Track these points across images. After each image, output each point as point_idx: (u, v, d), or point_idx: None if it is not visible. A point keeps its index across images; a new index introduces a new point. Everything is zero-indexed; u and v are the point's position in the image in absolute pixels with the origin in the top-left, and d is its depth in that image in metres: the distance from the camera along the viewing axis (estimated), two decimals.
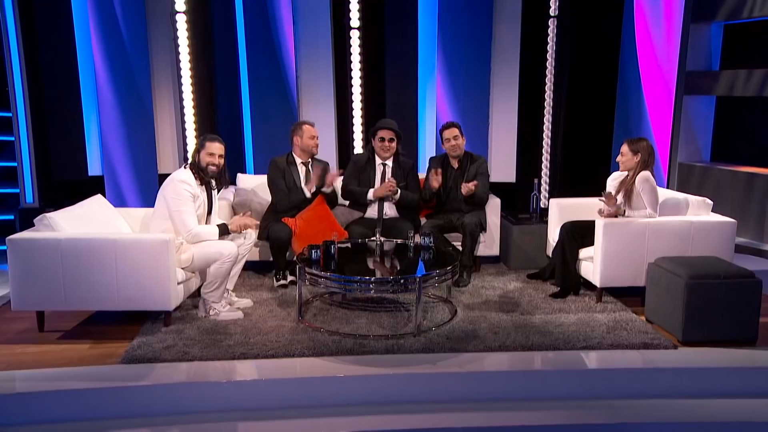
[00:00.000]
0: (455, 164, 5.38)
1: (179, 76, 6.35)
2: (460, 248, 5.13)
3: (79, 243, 3.99)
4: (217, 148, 4.39)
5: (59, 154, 6.47)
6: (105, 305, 4.09)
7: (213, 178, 4.46)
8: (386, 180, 5.24)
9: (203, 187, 4.39)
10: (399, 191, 5.25)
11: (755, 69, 6.47)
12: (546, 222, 5.48)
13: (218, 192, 4.60)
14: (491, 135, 6.59)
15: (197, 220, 4.30)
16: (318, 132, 5.25)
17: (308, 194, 5.10)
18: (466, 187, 5.11)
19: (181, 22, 6.28)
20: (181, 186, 4.25)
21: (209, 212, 4.48)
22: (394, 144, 5.28)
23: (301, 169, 5.22)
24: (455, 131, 5.29)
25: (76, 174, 6.52)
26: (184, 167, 4.39)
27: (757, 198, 6.36)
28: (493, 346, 3.89)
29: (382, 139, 5.27)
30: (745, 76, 6.55)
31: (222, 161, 4.43)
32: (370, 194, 5.27)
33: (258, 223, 4.62)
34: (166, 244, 3.99)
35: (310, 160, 5.26)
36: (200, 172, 4.36)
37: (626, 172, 4.76)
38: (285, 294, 4.87)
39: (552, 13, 6.38)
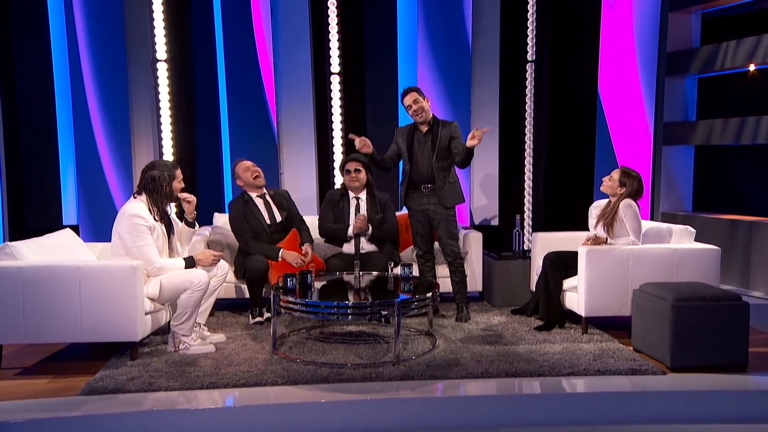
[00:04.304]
0: (423, 129, 4.94)
1: (159, 123, 6.33)
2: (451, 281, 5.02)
3: (41, 271, 3.81)
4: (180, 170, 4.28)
5: (33, 203, 6.34)
6: (67, 337, 3.89)
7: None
8: (357, 216, 5.18)
9: (160, 219, 4.15)
10: (370, 228, 5.16)
11: (730, 118, 6.58)
12: (529, 258, 5.38)
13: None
14: (473, 178, 6.56)
15: (158, 253, 4.11)
16: (251, 162, 5.16)
17: (280, 258, 4.90)
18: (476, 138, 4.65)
19: (162, 71, 6.31)
20: (135, 221, 4.01)
21: (169, 240, 4.24)
22: (361, 175, 5.21)
23: (259, 202, 5.13)
24: (414, 95, 4.84)
25: (50, 223, 6.37)
26: (135, 197, 4.16)
27: (740, 245, 6.33)
28: (476, 373, 3.72)
29: (348, 171, 5.22)
30: (721, 125, 6.66)
31: None
32: (350, 231, 5.18)
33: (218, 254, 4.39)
34: (133, 271, 3.83)
35: (265, 191, 5.18)
36: (172, 201, 4.25)
37: (608, 200, 4.73)
38: (260, 330, 4.69)
39: (529, 58, 6.51)
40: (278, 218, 5.14)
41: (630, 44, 6.81)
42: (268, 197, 5.18)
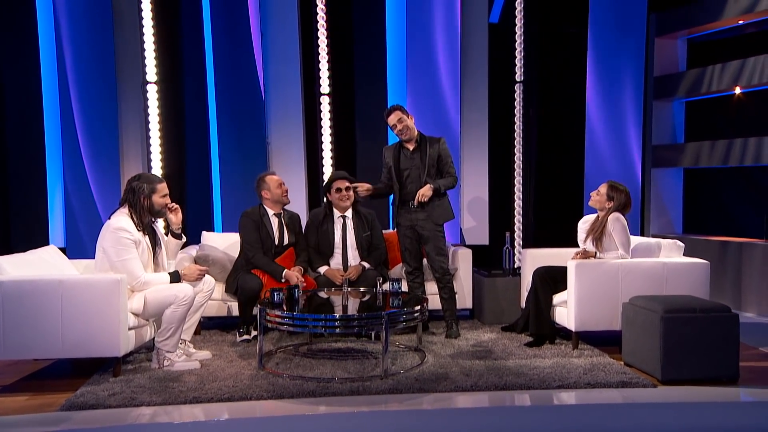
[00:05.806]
0: (411, 146, 4.95)
1: (148, 145, 6.32)
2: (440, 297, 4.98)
3: (22, 285, 3.76)
4: (166, 186, 4.21)
5: (20, 225, 6.28)
6: (48, 352, 3.82)
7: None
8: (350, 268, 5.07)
9: (143, 231, 4.10)
10: (365, 267, 5.05)
11: (718, 140, 6.63)
12: (519, 275, 5.36)
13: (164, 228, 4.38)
14: (463, 197, 6.56)
15: (143, 267, 4.05)
16: (283, 179, 5.17)
17: (283, 279, 4.81)
18: (421, 195, 4.77)
19: (152, 92, 6.31)
20: (120, 234, 3.96)
21: (155, 254, 4.18)
22: (351, 192, 5.15)
23: (274, 222, 5.07)
24: (399, 113, 4.84)
25: (37, 245, 6.30)
26: (120, 209, 4.11)
27: (731, 266, 6.32)
28: (465, 386, 3.67)
29: (339, 190, 5.13)
30: (709, 147, 6.71)
31: None
32: (322, 270, 5.08)
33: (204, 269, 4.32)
34: (117, 285, 3.78)
35: (282, 211, 5.14)
36: (154, 216, 4.19)
37: (596, 215, 4.73)
38: (247, 347, 4.61)
39: (518, 79, 6.57)
40: (286, 240, 5.07)
41: (617, 67, 6.88)
42: (283, 218, 5.12)
